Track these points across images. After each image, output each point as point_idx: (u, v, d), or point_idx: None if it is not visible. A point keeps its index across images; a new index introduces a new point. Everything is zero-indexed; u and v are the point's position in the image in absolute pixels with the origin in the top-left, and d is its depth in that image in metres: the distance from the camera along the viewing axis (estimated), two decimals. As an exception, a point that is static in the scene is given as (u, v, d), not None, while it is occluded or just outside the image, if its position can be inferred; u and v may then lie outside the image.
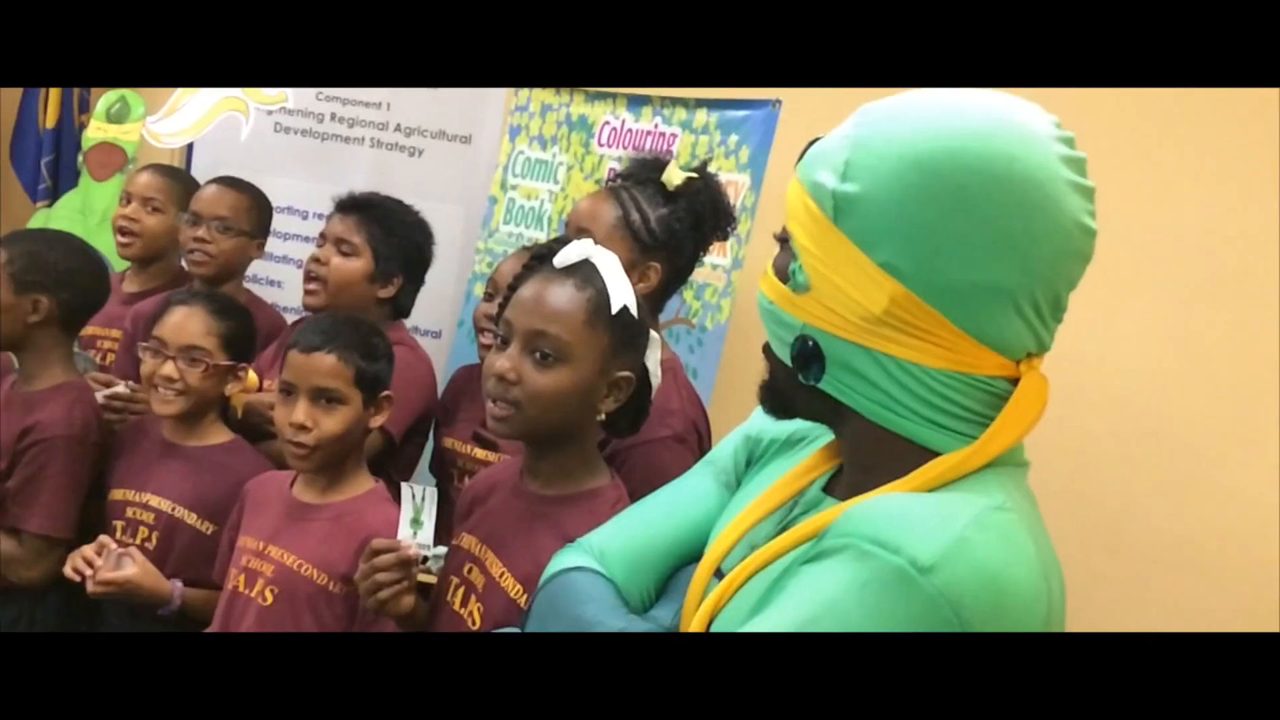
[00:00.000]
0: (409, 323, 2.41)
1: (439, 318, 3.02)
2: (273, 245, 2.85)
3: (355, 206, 2.25)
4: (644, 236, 1.81)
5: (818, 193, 0.96)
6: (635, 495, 1.43)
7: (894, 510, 0.89)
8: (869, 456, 0.99)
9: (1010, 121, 0.93)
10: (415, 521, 1.48)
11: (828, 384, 0.98)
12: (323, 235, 2.25)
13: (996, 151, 0.90)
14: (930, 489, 0.93)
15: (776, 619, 0.90)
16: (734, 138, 2.61)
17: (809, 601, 0.88)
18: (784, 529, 1.04)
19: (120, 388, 2.18)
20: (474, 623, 1.44)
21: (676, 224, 1.82)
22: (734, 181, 2.53)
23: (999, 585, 0.86)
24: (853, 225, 0.93)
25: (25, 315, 2.05)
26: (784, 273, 0.99)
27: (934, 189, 0.91)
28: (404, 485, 1.52)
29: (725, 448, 1.26)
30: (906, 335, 0.93)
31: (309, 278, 2.21)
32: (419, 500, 1.49)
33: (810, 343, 0.97)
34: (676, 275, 1.88)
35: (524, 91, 3.09)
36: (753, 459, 1.22)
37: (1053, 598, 0.92)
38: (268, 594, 1.72)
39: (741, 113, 2.61)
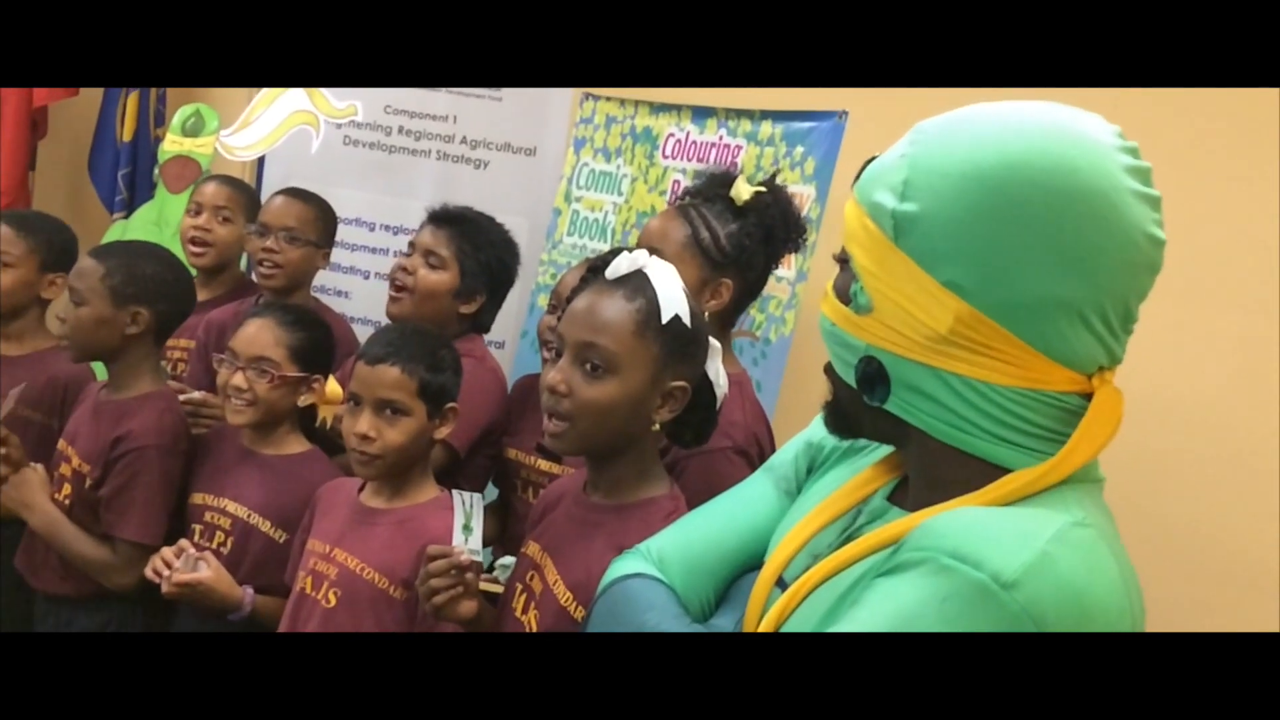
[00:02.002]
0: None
1: (502, 329, 3.04)
2: (340, 256, 2.89)
3: (447, 220, 2.26)
4: (714, 254, 1.80)
5: (876, 213, 0.95)
6: (693, 504, 1.42)
7: (973, 524, 0.88)
8: (938, 473, 0.97)
9: (1071, 133, 0.91)
10: (466, 528, 1.49)
11: (894, 405, 0.97)
12: (412, 244, 2.26)
13: (1058, 164, 0.89)
14: (1005, 504, 0.92)
15: (849, 630, 0.89)
16: (799, 149, 2.60)
17: (885, 615, 0.87)
18: (848, 538, 1.03)
19: (194, 394, 2.22)
20: (531, 629, 1.46)
21: (746, 239, 1.81)
22: (799, 194, 2.51)
23: (1083, 602, 0.85)
24: (914, 244, 0.93)
25: (123, 327, 2.10)
26: (845, 294, 0.99)
27: (996, 205, 0.90)
28: (454, 493, 1.53)
29: (786, 454, 1.26)
30: (973, 353, 0.92)
31: (395, 285, 2.22)
32: (468, 507, 1.50)
33: (875, 364, 0.97)
34: (749, 290, 1.88)
35: (589, 104, 3.10)
36: (814, 466, 1.21)
37: (1135, 616, 0.90)
38: (331, 596, 1.74)
39: (807, 124, 2.60)
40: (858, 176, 1.01)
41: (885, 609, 0.87)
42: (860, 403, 1.00)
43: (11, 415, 2.24)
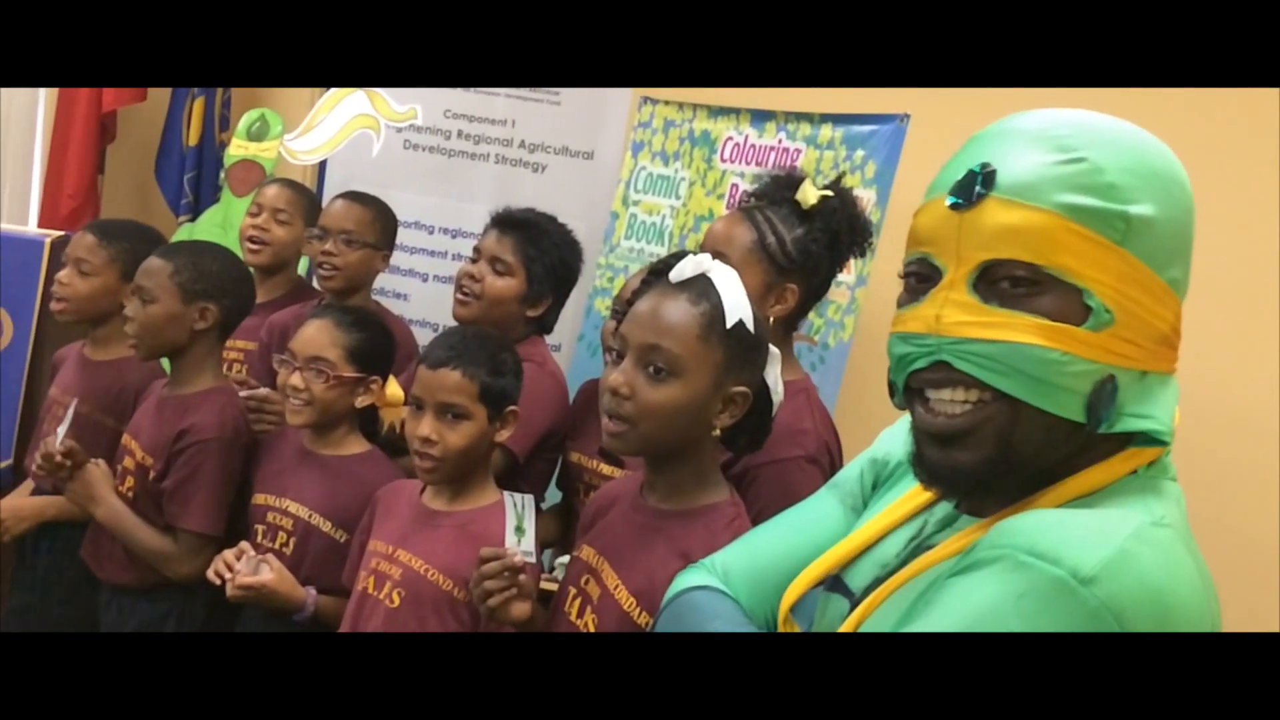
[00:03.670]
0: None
1: (558, 332, 3.03)
2: (399, 259, 2.92)
3: (511, 225, 2.25)
4: (780, 259, 1.78)
5: (1092, 217, 0.89)
6: (764, 514, 1.41)
7: (1050, 523, 0.87)
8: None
9: None
10: (518, 530, 1.49)
11: (1126, 422, 0.92)
12: (477, 249, 2.25)
13: None
14: (1092, 493, 0.92)
15: (925, 629, 0.88)
16: (860, 153, 2.57)
17: (961, 613, 0.85)
18: (918, 547, 1.01)
19: (257, 391, 2.26)
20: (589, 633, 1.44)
21: (813, 245, 1.79)
22: (859, 198, 2.49)
23: (1163, 600, 0.83)
24: (1145, 246, 0.90)
25: (192, 323, 2.15)
26: (1072, 315, 0.90)
27: (1189, 203, 0.93)
28: (505, 494, 1.53)
29: (851, 471, 1.25)
30: (1171, 349, 0.94)
31: (462, 290, 2.23)
32: (520, 508, 1.50)
33: (1112, 383, 0.90)
34: (813, 295, 1.86)
35: (647, 107, 3.10)
36: (879, 481, 1.20)
37: (1214, 616, 0.89)
38: (395, 596, 1.75)
39: (868, 127, 2.58)
40: (982, 180, 0.91)
41: (961, 607, 0.86)
42: (1056, 441, 0.92)
43: (85, 418, 2.31)
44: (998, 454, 0.92)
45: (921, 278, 0.96)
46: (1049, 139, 0.92)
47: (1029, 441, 0.92)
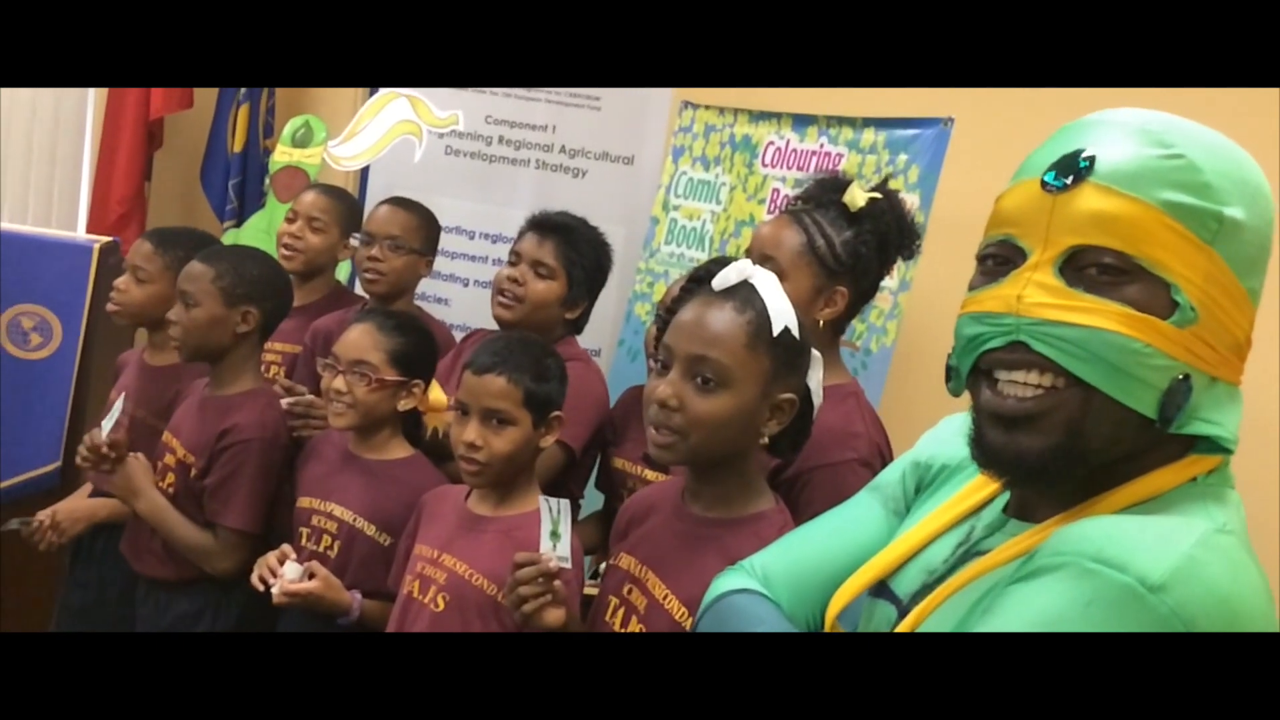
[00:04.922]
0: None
1: (599, 337, 3.05)
2: (440, 264, 2.93)
3: (551, 228, 2.26)
4: (830, 262, 1.77)
5: (1187, 214, 0.89)
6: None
7: (1114, 530, 0.85)
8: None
9: None
10: (554, 534, 1.48)
11: (1195, 425, 0.91)
12: (516, 253, 2.26)
13: None
14: (1145, 499, 0.91)
15: None
16: (903, 157, 2.56)
17: (1025, 619, 0.84)
18: (966, 553, 1.00)
19: (305, 396, 2.28)
20: (635, 642, 1.44)
21: (862, 247, 1.77)
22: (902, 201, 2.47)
23: (1232, 607, 0.82)
24: (1232, 250, 0.90)
25: (234, 326, 2.20)
26: (1157, 309, 0.89)
27: (1273, 216, 0.92)
28: (541, 499, 1.52)
29: (892, 474, 1.23)
30: (1241, 360, 0.93)
31: (503, 294, 2.23)
32: (555, 513, 1.49)
33: (1187, 383, 0.89)
34: (861, 297, 1.84)
35: (688, 112, 3.10)
36: (922, 485, 1.18)
37: (1276, 625, 0.87)
38: (440, 601, 1.76)
39: (911, 131, 2.56)
40: (1077, 165, 0.90)
41: (1025, 614, 0.84)
42: (1122, 436, 0.91)
43: (140, 422, 2.36)
44: (1064, 442, 0.91)
45: (1001, 260, 0.95)
46: (1147, 134, 0.91)
47: (1096, 434, 0.90)
